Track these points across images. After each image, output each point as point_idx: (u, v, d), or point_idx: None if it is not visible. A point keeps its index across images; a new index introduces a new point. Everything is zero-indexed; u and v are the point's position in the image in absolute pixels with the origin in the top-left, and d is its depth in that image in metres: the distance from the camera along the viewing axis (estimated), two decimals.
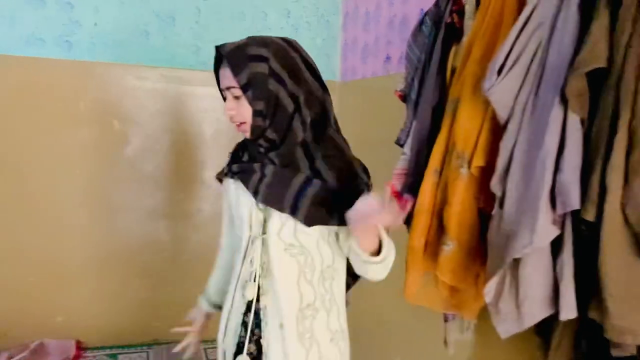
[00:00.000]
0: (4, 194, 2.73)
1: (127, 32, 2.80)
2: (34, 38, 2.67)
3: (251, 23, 2.99)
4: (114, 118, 2.85)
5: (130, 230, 2.95)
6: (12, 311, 2.81)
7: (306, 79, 1.30)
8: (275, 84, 1.25)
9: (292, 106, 1.27)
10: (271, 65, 1.24)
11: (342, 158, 1.34)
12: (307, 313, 1.33)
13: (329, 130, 1.35)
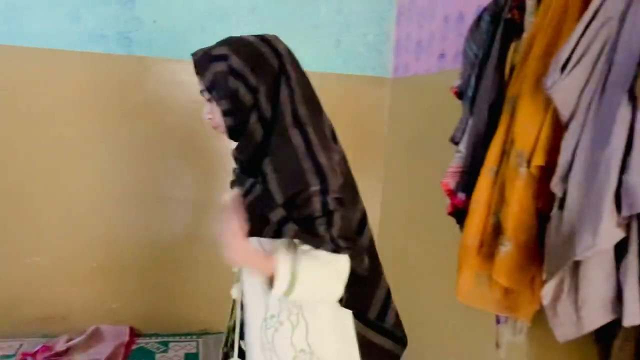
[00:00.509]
0: (67, 183, 2.86)
1: (184, 28, 2.87)
2: (97, 35, 2.77)
3: (304, 19, 3.00)
4: (169, 112, 2.93)
5: (181, 223, 3.03)
6: (71, 297, 2.94)
7: (274, 72, 1.24)
8: (235, 81, 1.21)
9: (251, 101, 1.22)
10: (231, 62, 1.21)
11: (291, 159, 1.19)
12: (271, 324, 1.28)
13: (288, 127, 1.22)
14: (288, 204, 1.18)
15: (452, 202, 1.67)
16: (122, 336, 2.90)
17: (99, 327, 2.92)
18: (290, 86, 1.23)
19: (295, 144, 1.19)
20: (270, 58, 1.24)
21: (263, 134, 1.23)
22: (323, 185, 1.18)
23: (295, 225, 1.18)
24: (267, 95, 1.22)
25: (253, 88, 1.21)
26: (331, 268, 1.21)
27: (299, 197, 1.17)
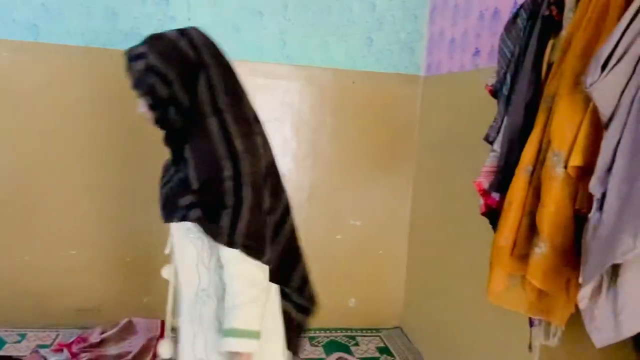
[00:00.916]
0: (104, 179, 2.93)
1: (218, 26, 2.90)
2: (133, 33, 2.83)
3: (337, 17, 3.00)
4: None
5: None
6: (105, 290, 3.01)
7: (191, 64, 1.28)
8: (153, 77, 1.26)
9: (168, 94, 1.28)
10: (148, 60, 1.26)
11: (205, 146, 1.26)
12: (201, 297, 1.35)
13: (206, 115, 1.28)
14: (203, 189, 1.25)
15: (485, 202, 1.64)
16: (154, 330, 2.95)
17: (132, 320, 2.98)
18: (208, 76, 1.28)
19: (211, 129, 1.26)
20: (187, 51, 1.28)
21: (183, 124, 1.30)
22: (236, 170, 1.24)
23: (200, 211, 1.26)
24: (183, 87, 1.27)
25: (169, 82, 1.26)
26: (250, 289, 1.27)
27: (213, 181, 1.24)
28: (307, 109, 3.09)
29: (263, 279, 1.30)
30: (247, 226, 1.24)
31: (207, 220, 1.26)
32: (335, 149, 3.14)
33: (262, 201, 1.30)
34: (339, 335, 3.15)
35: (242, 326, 1.26)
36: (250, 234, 1.25)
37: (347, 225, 3.21)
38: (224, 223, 1.24)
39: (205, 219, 1.26)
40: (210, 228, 1.26)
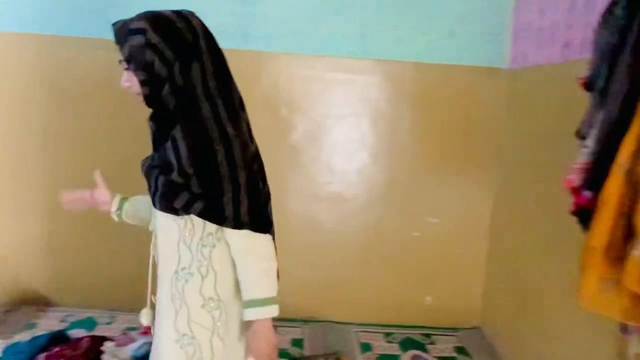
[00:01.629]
0: None
1: (298, 22, 2.95)
2: (219, 30, 2.91)
3: (418, 10, 2.95)
4: (283, 105, 3.03)
5: (294, 211, 3.13)
6: None
7: (188, 46, 1.31)
8: (151, 54, 1.28)
9: (166, 74, 1.29)
10: (148, 36, 1.27)
11: (200, 130, 1.29)
12: (182, 275, 1.38)
13: (199, 98, 1.30)
14: (198, 176, 1.29)
15: (575, 201, 1.56)
16: None
17: None
18: (202, 60, 1.31)
19: (204, 113, 1.29)
20: (185, 33, 1.31)
21: (175, 104, 1.32)
22: (229, 154, 1.28)
23: (202, 203, 1.30)
24: (181, 68, 1.30)
25: (168, 61, 1.29)
26: (262, 262, 1.37)
27: (208, 166, 1.28)
28: (385, 104, 3.07)
29: (272, 249, 1.40)
30: (248, 207, 1.31)
31: (211, 211, 1.31)
32: (414, 144, 3.10)
33: (257, 182, 1.38)
34: (415, 333, 3.12)
35: (263, 295, 1.36)
36: (253, 213, 1.32)
37: (424, 222, 3.16)
38: (227, 210, 1.30)
39: (208, 210, 1.31)
40: (214, 217, 1.32)
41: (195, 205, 1.31)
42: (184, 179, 1.31)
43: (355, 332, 3.09)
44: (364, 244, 3.16)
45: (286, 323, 3.13)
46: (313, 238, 3.16)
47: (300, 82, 3.01)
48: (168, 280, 1.42)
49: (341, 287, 3.19)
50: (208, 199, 1.30)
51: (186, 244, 1.38)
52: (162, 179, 1.34)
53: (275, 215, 3.09)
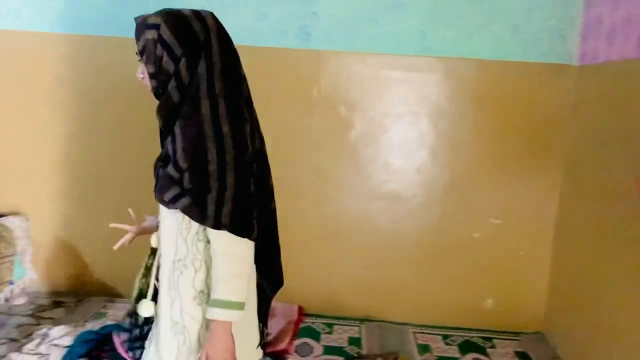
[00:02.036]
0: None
1: (358, 21, 2.94)
2: (279, 30, 2.96)
3: (481, 6, 2.88)
4: (341, 104, 3.03)
5: (351, 210, 3.12)
6: None
7: (199, 45, 1.33)
8: (161, 49, 1.33)
9: (173, 69, 1.33)
10: (160, 31, 1.32)
11: (196, 127, 1.32)
12: (177, 267, 1.42)
13: (201, 97, 1.32)
14: (189, 171, 1.32)
15: None
16: (292, 314, 3.09)
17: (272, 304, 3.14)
18: (210, 60, 1.34)
19: (203, 112, 1.32)
20: (198, 32, 1.34)
21: (179, 100, 1.35)
22: (220, 154, 1.30)
23: (188, 199, 1.33)
24: (188, 65, 1.33)
25: (175, 57, 1.33)
26: (233, 265, 1.35)
27: (198, 163, 1.31)
28: (446, 102, 3.01)
29: (248, 255, 1.37)
30: (231, 209, 1.31)
31: (194, 207, 1.33)
32: (475, 143, 3.03)
33: (247, 185, 1.36)
34: (475, 336, 3.05)
35: (226, 298, 1.34)
36: (235, 215, 1.32)
37: (486, 223, 3.08)
38: (209, 209, 1.31)
39: (192, 206, 1.34)
40: (196, 214, 1.34)
41: (181, 200, 1.34)
42: (178, 174, 1.34)
43: (413, 332, 3.06)
44: (422, 245, 3.12)
45: (343, 322, 3.13)
46: (370, 237, 3.14)
47: (359, 81, 3.00)
48: (167, 270, 1.46)
49: (398, 287, 3.16)
50: (194, 195, 1.33)
51: (183, 237, 1.41)
52: (161, 171, 1.40)
53: (332, 214, 3.13)
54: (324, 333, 3.00)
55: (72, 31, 3.04)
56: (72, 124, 3.14)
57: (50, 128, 3.14)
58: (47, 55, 3.09)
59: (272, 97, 3.03)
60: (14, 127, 3.17)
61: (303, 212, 3.14)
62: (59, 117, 3.13)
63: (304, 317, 3.12)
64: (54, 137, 3.14)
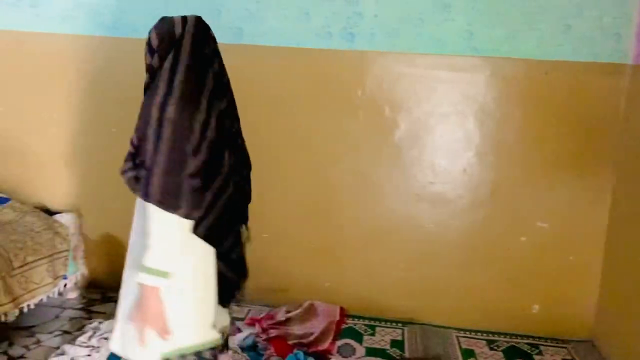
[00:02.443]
0: (292, 174, 3.15)
1: (403, 21, 2.92)
2: (324, 31, 2.98)
3: (530, 4, 2.82)
4: (386, 104, 3.02)
5: (395, 212, 3.10)
6: (292, 273, 3.24)
7: (172, 43, 1.54)
8: (147, 45, 1.60)
9: (149, 60, 1.60)
10: (150, 33, 1.60)
11: (146, 109, 1.52)
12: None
13: (159, 83, 1.50)
14: (137, 149, 1.57)
15: None
16: (334, 314, 3.09)
17: (313, 303, 3.16)
18: (178, 56, 1.51)
19: (157, 98, 1.47)
20: (175, 33, 1.54)
21: (147, 85, 1.60)
22: (158, 136, 1.45)
23: (132, 172, 1.57)
24: (159, 56, 1.55)
25: (152, 50, 1.57)
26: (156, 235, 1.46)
27: (141, 141, 1.52)
28: (492, 103, 2.96)
29: (176, 230, 1.47)
30: (160, 186, 1.44)
31: (132, 180, 1.56)
32: (522, 144, 2.96)
33: (180, 166, 1.46)
34: (521, 342, 2.98)
35: (150, 265, 1.46)
36: (163, 192, 1.44)
37: (532, 226, 3.01)
38: (142, 182, 1.49)
39: (131, 179, 1.57)
40: (132, 186, 1.56)
41: (127, 173, 1.59)
42: (133, 149, 1.59)
43: (456, 336, 3.02)
44: (467, 247, 3.07)
45: (385, 324, 3.12)
46: (413, 239, 3.11)
47: (404, 81, 2.98)
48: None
49: (442, 290, 3.12)
50: (136, 170, 1.56)
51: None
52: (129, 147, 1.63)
53: (376, 215, 3.12)
54: (366, 335, 2.99)
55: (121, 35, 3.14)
56: (122, 124, 3.23)
57: (103, 128, 3.25)
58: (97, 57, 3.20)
59: (316, 99, 3.05)
60: (69, 128, 3.30)
61: (346, 212, 3.15)
62: (111, 117, 3.23)
63: (345, 318, 3.12)
64: (105, 137, 3.24)
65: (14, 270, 2.64)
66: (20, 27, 3.24)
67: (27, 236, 2.84)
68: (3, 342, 2.70)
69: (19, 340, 2.74)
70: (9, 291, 2.59)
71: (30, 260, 2.72)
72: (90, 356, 2.53)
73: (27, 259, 2.72)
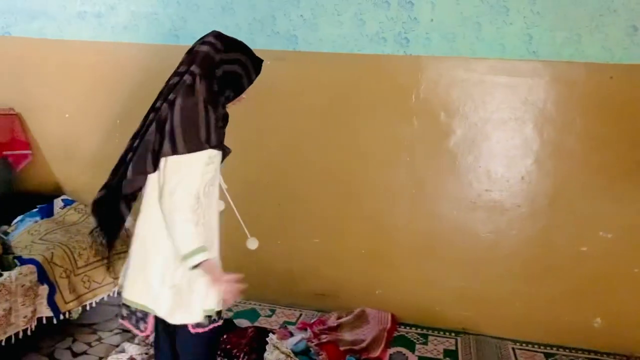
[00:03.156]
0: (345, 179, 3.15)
1: (459, 25, 2.88)
2: (378, 37, 2.97)
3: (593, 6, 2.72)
4: (441, 110, 2.97)
5: (449, 219, 3.05)
6: (343, 278, 3.23)
7: None
8: None
9: None
10: None
11: None
12: None
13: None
14: None
15: None
16: (385, 322, 3.06)
17: (365, 310, 3.14)
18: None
19: None
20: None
21: None
22: None
23: None
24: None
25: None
26: None
27: None
28: (553, 108, 2.86)
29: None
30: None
31: None
32: (584, 151, 2.85)
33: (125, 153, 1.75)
34: (581, 357, 2.87)
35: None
36: None
37: (595, 236, 2.89)
38: None
39: None
40: None
41: None
42: None
43: (512, 348, 2.93)
44: (524, 257, 2.98)
45: (438, 333, 3.06)
46: (469, 248, 3.05)
47: (461, 86, 2.93)
48: None
49: (497, 300, 3.04)
50: None
51: None
52: None
53: (430, 222, 3.07)
54: (419, 343, 2.94)
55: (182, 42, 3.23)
56: None
57: None
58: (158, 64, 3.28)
59: (370, 104, 3.05)
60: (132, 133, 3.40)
61: (399, 219, 3.12)
62: None
63: (397, 326, 3.09)
64: None
65: (78, 269, 2.75)
66: (85, 37, 3.39)
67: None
68: (67, 338, 2.82)
69: (82, 337, 2.85)
70: (73, 289, 2.70)
71: (93, 260, 2.83)
72: (147, 354, 2.60)
73: (90, 259, 2.82)
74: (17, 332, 2.41)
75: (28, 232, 2.92)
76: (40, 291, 2.53)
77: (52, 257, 2.63)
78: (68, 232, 2.94)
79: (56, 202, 3.21)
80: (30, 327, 2.48)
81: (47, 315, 2.55)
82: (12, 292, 2.36)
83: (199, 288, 1.70)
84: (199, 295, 1.70)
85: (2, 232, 2.89)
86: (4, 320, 2.33)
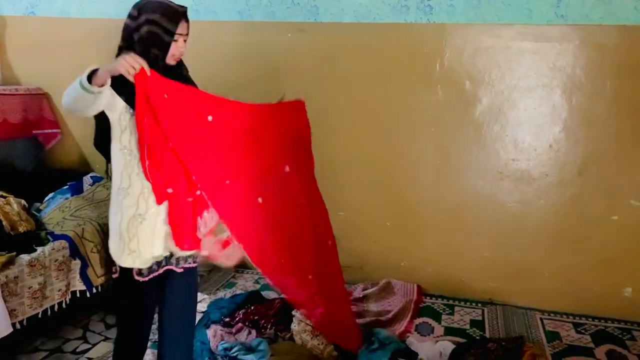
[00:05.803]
0: (369, 151, 3.13)
1: None
2: (400, 5, 2.90)
3: None
4: (466, 78, 2.91)
5: (475, 190, 3.02)
6: (368, 250, 3.24)
7: None
8: None
9: None
10: None
11: None
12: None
13: None
14: None
15: None
16: (411, 293, 3.07)
17: (390, 281, 3.15)
18: None
19: None
20: None
21: None
22: None
23: None
24: None
25: None
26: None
27: None
28: (582, 73, 2.78)
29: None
30: None
31: None
32: (615, 117, 2.77)
33: None
34: (611, 326, 2.83)
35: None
36: None
37: (626, 205, 2.82)
38: None
39: None
40: None
41: None
42: None
43: (540, 318, 2.91)
44: (553, 227, 2.94)
45: (464, 303, 3.06)
46: (495, 218, 3.02)
47: (486, 54, 2.86)
48: None
49: (525, 270, 3.01)
50: None
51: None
52: None
53: (455, 193, 3.04)
54: (445, 314, 2.94)
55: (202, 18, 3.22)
56: None
57: None
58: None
59: (394, 73, 3.00)
60: None
61: (424, 189, 3.10)
62: None
63: (423, 297, 3.09)
64: None
65: None
66: (109, 15, 3.40)
67: None
68: (100, 310, 2.90)
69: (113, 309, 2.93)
70: (104, 264, 2.77)
71: None
72: None
73: None
74: (52, 305, 2.48)
75: (59, 208, 2.98)
76: (73, 266, 2.59)
77: (83, 233, 2.69)
78: (97, 208, 3.00)
79: (85, 180, 3.26)
80: (65, 300, 2.55)
81: (81, 288, 2.62)
82: (46, 267, 2.43)
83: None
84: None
85: (35, 209, 2.96)
86: (39, 294, 2.40)
